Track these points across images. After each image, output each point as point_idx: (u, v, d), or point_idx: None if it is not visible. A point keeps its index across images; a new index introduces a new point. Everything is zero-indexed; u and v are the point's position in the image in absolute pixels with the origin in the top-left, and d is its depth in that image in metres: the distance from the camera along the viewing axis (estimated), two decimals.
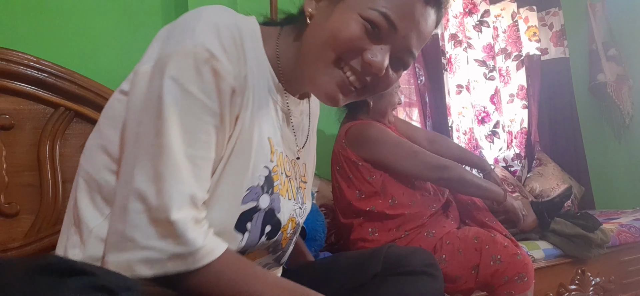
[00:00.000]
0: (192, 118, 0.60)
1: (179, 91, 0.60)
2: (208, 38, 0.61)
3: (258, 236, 0.70)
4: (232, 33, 0.63)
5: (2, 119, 1.06)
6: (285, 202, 0.75)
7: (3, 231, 1.04)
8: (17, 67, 1.07)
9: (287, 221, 0.76)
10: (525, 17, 2.83)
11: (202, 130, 0.61)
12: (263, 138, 0.70)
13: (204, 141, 0.61)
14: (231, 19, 0.65)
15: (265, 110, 0.71)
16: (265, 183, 0.70)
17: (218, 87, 0.61)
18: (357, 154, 1.56)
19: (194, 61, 0.60)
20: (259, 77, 0.69)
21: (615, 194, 3.05)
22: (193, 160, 0.60)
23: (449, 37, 2.54)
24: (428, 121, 2.40)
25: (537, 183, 2.59)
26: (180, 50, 0.60)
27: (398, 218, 1.50)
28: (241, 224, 0.67)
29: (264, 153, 0.70)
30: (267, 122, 0.71)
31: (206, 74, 0.60)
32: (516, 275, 1.36)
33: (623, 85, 3.06)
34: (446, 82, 2.40)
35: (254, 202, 0.68)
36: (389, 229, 1.51)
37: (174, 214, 0.57)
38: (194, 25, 0.62)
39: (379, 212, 1.51)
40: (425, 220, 1.51)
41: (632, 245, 2.00)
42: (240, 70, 0.64)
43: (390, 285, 0.81)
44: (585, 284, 1.85)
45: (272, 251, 0.78)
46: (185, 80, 0.60)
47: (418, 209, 1.51)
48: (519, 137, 2.72)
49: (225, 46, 0.62)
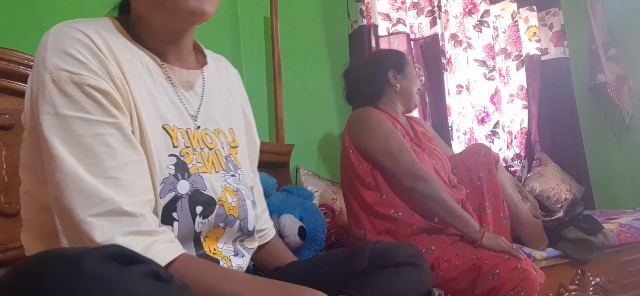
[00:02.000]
0: (80, 139, 0.60)
1: (55, 121, 0.59)
2: (59, 59, 0.61)
3: (191, 221, 0.71)
4: (82, 42, 0.63)
5: (2, 119, 1.06)
6: (212, 176, 0.75)
7: (3, 231, 1.04)
8: (17, 67, 1.07)
9: (222, 192, 0.76)
10: (525, 17, 2.83)
11: (97, 144, 0.60)
12: (156, 128, 0.70)
13: (106, 153, 0.60)
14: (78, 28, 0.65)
15: (152, 96, 0.71)
16: (178, 170, 0.70)
17: (92, 99, 0.61)
18: (351, 139, 1.54)
19: (56, 87, 0.60)
20: (134, 66, 0.70)
21: (615, 194, 3.05)
22: (103, 175, 0.59)
23: (449, 37, 2.54)
24: (428, 121, 2.40)
25: (537, 183, 2.58)
26: (41, 84, 0.61)
27: (389, 220, 1.46)
28: (167, 216, 0.68)
29: (163, 143, 0.70)
30: (158, 107, 0.71)
31: (73, 92, 0.60)
32: (512, 290, 1.28)
33: (623, 85, 3.06)
34: (446, 82, 2.40)
35: (173, 192, 0.69)
36: (380, 232, 1.47)
37: (98, 239, 0.57)
38: (43, 55, 0.62)
39: (369, 203, 1.48)
40: (419, 229, 1.45)
41: (632, 245, 2.00)
42: (107, 71, 0.64)
43: (377, 278, 0.82)
44: (585, 284, 1.85)
45: (228, 225, 0.78)
46: (56, 108, 0.60)
47: (410, 212, 1.46)
48: (519, 137, 2.72)
49: (80, 58, 0.62)
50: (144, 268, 0.44)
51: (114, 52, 0.67)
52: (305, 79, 2.14)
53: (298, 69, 2.13)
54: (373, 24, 2.19)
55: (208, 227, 0.75)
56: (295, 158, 1.96)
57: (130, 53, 0.71)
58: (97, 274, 0.41)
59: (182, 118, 0.76)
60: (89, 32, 0.64)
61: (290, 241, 1.44)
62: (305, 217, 1.57)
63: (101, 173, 0.59)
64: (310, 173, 2.01)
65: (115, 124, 0.62)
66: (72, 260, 0.42)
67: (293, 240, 1.45)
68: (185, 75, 0.79)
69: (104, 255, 0.43)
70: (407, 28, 2.42)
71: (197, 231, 0.72)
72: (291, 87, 2.05)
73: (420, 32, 2.44)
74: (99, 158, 0.60)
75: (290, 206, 1.57)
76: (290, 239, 1.44)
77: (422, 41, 2.43)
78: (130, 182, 0.61)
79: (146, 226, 0.61)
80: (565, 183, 2.66)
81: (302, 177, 1.98)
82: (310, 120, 2.13)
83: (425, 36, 2.43)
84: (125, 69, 0.67)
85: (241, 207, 0.81)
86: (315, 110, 2.12)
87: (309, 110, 2.14)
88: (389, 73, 1.65)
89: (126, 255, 0.45)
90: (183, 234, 0.70)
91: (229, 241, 0.81)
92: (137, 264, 0.44)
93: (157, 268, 0.46)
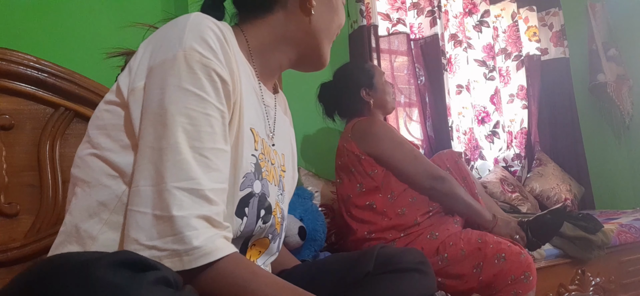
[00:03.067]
0: (192, 113, 0.63)
1: (176, 91, 0.62)
2: (195, 41, 0.65)
3: (255, 221, 0.74)
4: (216, 34, 0.68)
5: (2, 119, 1.06)
6: (272, 187, 0.80)
7: (3, 231, 1.04)
8: (17, 67, 1.07)
9: (275, 205, 0.81)
10: (525, 17, 2.84)
11: (204, 123, 0.63)
12: (247, 128, 0.74)
13: (209, 133, 0.64)
14: (213, 21, 0.70)
15: (249, 101, 0.76)
16: (256, 170, 0.74)
17: (212, 83, 0.65)
18: (361, 148, 1.59)
19: (186, 63, 0.63)
20: (242, 71, 0.75)
21: (615, 194, 3.05)
22: (200, 152, 0.62)
23: (449, 37, 2.54)
24: (428, 121, 2.40)
25: (537, 183, 2.59)
26: (171, 57, 0.64)
27: (396, 217, 1.52)
28: (240, 210, 0.71)
29: (250, 142, 0.74)
30: (251, 112, 0.76)
31: (199, 72, 0.64)
32: (522, 274, 1.36)
33: (623, 85, 3.06)
34: (446, 82, 2.40)
35: (250, 188, 0.72)
36: (385, 229, 1.52)
37: (174, 211, 0.58)
38: (180, 33, 0.66)
39: (377, 207, 1.53)
40: (425, 219, 1.52)
41: (632, 245, 2.00)
42: (230, 66, 0.68)
43: (383, 283, 0.83)
44: (585, 284, 1.85)
45: (272, 239, 0.82)
46: (180, 80, 0.63)
47: (417, 207, 1.53)
48: (519, 137, 2.72)
49: (212, 46, 0.66)
50: (155, 275, 0.44)
51: (235, 51, 0.72)
52: (305, 79, 2.14)
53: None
54: (373, 24, 2.19)
55: (260, 234, 0.78)
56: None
57: (240, 58, 0.77)
58: (108, 283, 0.41)
59: (263, 129, 0.81)
60: (221, 28, 0.70)
61: (291, 242, 1.44)
62: (306, 217, 1.57)
63: (198, 149, 0.62)
64: (310, 173, 2.01)
65: (222, 112, 0.66)
66: (82, 268, 0.42)
67: (293, 240, 1.45)
68: (268, 96, 0.87)
69: (115, 262, 0.43)
70: (407, 28, 2.42)
71: (254, 233, 0.76)
72: (291, 87, 2.05)
73: (420, 32, 2.44)
74: (201, 135, 0.63)
75: (290, 206, 1.57)
76: (291, 239, 1.45)
77: (422, 41, 2.43)
78: (218, 167, 0.64)
79: (218, 216, 0.63)
80: (565, 183, 2.66)
81: (302, 177, 1.98)
82: (310, 121, 2.13)
83: (425, 36, 2.43)
84: (240, 69, 0.73)
85: (281, 225, 0.86)
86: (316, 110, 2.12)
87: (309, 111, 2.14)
88: (361, 93, 1.73)
89: (137, 261, 0.45)
90: (246, 232, 0.73)
91: (268, 261, 0.85)
92: (148, 270, 0.45)
93: (168, 273, 0.47)
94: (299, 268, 0.97)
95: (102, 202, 0.66)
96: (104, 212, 0.66)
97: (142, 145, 0.63)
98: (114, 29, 1.61)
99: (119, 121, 0.68)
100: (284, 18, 0.82)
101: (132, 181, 0.63)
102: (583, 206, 2.75)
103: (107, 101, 0.71)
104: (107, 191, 0.66)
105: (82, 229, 0.66)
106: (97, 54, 1.58)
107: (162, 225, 0.58)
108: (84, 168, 0.69)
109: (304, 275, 0.91)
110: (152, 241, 0.58)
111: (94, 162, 0.68)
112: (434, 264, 1.34)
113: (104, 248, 0.65)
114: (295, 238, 1.45)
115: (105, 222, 0.65)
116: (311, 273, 0.91)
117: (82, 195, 0.68)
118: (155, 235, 0.58)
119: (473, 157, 2.55)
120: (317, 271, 0.92)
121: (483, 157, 2.63)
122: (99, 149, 0.68)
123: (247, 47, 0.81)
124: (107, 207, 0.66)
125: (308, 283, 0.70)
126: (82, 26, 1.56)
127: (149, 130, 0.62)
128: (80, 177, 0.69)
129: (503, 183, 2.48)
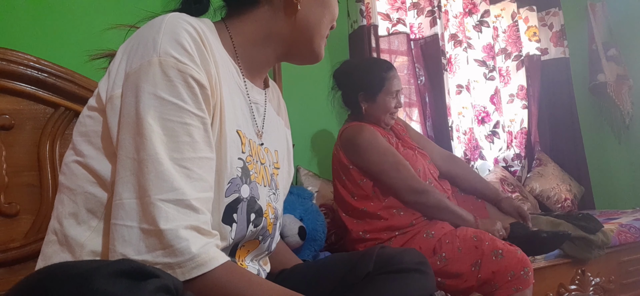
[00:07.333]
0: (169, 123, 0.61)
1: (152, 100, 0.61)
2: (170, 45, 0.63)
3: (246, 225, 0.73)
4: (192, 36, 0.65)
5: (2, 119, 1.06)
6: (262, 189, 0.78)
7: (3, 231, 1.05)
8: (17, 67, 1.07)
9: (266, 207, 0.80)
10: (525, 17, 2.83)
11: (182, 133, 0.62)
12: (232, 131, 0.72)
13: (187, 142, 0.62)
14: (189, 22, 0.67)
15: (234, 102, 0.75)
16: (243, 174, 0.73)
17: (190, 89, 0.63)
18: (348, 158, 1.58)
19: (161, 70, 0.62)
20: (225, 70, 0.73)
21: (615, 194, 3.05)
22: (179, 163, 0.61)
23: (449, 37, 2.54)
24: (428, 121, 2.40)
25: (537, 183, 2.59)
26: (146, 63, 0.62)
27: (392, 218, 1.52)
28: (228, 216, 0.69)
29: (235, 146, 0.73)
30: (236, 113, 0.75)
31: (175, 79, 0.62)
32: (521, 270, 1.36)
33: (623, 85, 3.06)
34: (446, 82, 2.40)
35: (237, 193, 0.71)
36: (381, 229, 1.52)
37: (162, 224, 0.57)
38: (154, 37, 0.64)
39: (371, 212, 1.53)
40: (420, 220, 1.53)
41: (632, 245, 2.00)
42: (207, 68, 0.66)
43: (382, 283, 0.83)
44: (585, 284, 1.85)
45: (262, 240, 0.81)
46: (156, 88, 0.61)
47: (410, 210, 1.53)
48: (519, 137, 2.72)
49: (188, 50, 0.64)
50: (155, 283, 0.44)
51: (214, 52, 0.70)
52: (305, 79, 2.14)
53: (298, 69, 2.12)
54: (373, 24, 2.19)
55: (250, 236, 0.77)
56: (295, 158, 1.96)
57: (222, 57, 0.74)
58: (108, 293, 0.40)
59: (250, 129, 0.80)
60: (199, 29, 0.67)
61: (290, 242, 1.44)
62: (305, 217, 1.57)
63: (178, 160, 0.61)
64: (310, 173, 2.01)
65: (202, 119, 0.64)
66: (81, 278, 0.41)
67: (293, 240, 1.45)
68: (256, 92, 0.84)
69: (114, 271, 0.42)
70: (407, 28, 2.42)
71: (245, 238, 0.75)
72: (291, 87, 2.05)
73: (420, 32, 2.44)
74: (180, 146, 0.61)
75: (290, 206, 1.57)
76: (291, 239, 1.45)
77: (422, 41, 2.43)
78: (200, 176, 0.63)
79: (206, 225, 0.62)
80: (565, 183, 2.66)
81: (302, 177, 1.98)
82: (310, 121, 2.13)
83: (425, 36, 2.43)
84: (220, 70, 0.70)
85: (274, 225, 0.84)
86: (316, 110, 2.12)
87: (309, 111, 2.14)
88: (358, 95, 1.65)
89: (136, 269, 0.45)
90: (238, 238, 0.72)
91: (255, 259, 0.83)
92: (148, 279, 0.44)
93: (168, 281, 0.46)
94: (298, 268, 0.97)
95: (88, 210, 0.66)
96: (91, 220, 0.65)
97: (121, 155, 0.61)
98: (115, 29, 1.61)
99: (100, 127, 0.67)
100: (270, 13, 0.79)
101: (115, 193, 0.61)
102: (583, 206, 2.75)
103: (90, 106, 0.70)
104: (92, 199, 0.65)
105: (70, 236, 0.65)
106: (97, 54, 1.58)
107: (150, 239, 0.57)
108: (69, 175, 0.69)
109: (304, 275, 0.91)
110: (142, 256, 0.57)
111: (78, 169, 0.68)
112: (432, 264, 1.33)
113: (92, 255, 0.64)
114: (295, 238, 1.45)
115: (94, 229, 0.65)
116: (311, 273, 0.91)
117: (68, 202, 0.67)
118: (144, 249, 0.57)
119: (473, 157, 2.55)
120: (317, 272, 0.91)
121: (483, 157, 2.63)
122: (82, 157, 0.68)
123: (232, 44, 0.79)
124: (94, 214, 0.65)
125: (308, 283, 0.70)
126: (82, 26, 1.56)
127: (128, 140, 0.61)
128: (66, 185, 0.69)
129: (503, 183, 2.48)
